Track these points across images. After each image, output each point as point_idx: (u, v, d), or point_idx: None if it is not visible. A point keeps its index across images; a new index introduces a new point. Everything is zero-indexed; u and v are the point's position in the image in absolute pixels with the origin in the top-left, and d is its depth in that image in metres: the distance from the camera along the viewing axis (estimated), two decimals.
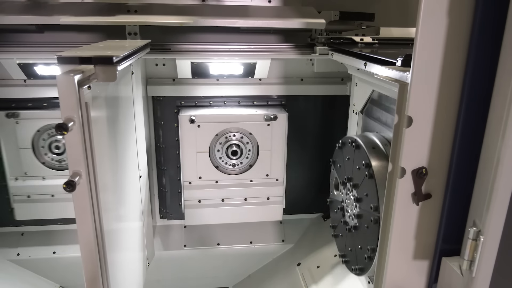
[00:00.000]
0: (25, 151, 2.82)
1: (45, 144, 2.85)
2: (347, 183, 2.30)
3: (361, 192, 2.11)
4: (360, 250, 2.13)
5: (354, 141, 2.18)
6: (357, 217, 2.16)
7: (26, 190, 2.90)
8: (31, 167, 2.87)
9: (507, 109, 1.19)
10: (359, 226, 2.16)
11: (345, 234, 2.37)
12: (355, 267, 2.20)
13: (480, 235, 1.31)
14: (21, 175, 2.88)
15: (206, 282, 3.29)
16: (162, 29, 2.68)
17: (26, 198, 2.91)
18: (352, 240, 2.26)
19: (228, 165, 2.96)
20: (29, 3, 2.53)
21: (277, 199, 3.07)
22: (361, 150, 2.10)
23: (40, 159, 2.87)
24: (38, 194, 2.91)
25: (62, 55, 1.46)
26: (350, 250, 2.29)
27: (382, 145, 2.09)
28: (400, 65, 1.60)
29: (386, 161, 1.97)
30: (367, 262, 2.04)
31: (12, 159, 2.84)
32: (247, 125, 2.88)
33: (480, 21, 1.26)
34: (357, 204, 2.17)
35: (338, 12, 2.84)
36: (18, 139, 2.79)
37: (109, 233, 1.68)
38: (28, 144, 2.82)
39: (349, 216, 2.30)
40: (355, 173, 2.18)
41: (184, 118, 2.78)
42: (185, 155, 2.87)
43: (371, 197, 1.99)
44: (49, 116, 2.77)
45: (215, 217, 3.05)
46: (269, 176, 3.01)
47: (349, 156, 2.26)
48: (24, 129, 2.78)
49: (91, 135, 1.43)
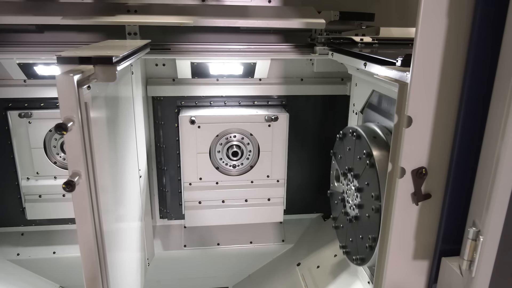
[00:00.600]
0: (37, 150, 2.84)
1: (57, 144, 2.86)
2: (348, 173, 2.29)
3: (362, 182, 2.10)
4: (361, 240, 2.13)
5: (355, 131, 2.17)
6: (358, 207, 2.16)
7: (37, 190, 2.91)
8: (42, 167, 2.88)
9: (506, 109, 1.19)
10: (360, 216, 2.15)
11: (346, 225, 2.37)
12: (356, 257, 2.19)
13: (480, 235, 1.31)
14: (33, 175, 2.90)
15: (206, 282, 3.29)
16: (162, 29, 2.68)
17: (37, 198, 2.93)
18: (353, 230, 2.26)
19: (228, 166, 2.96)
20: (29, 3, 2.53)
21: (277, 200, 3.07)
22: (362, 140, 2.09)
23: (51, 159, 2.89)
24: (49, 194, 2.92)
25: (62, 55, 1.46)
26: (351, 240, 2.28)
27: (383, 135, 2.08)
28: (400, 65, 1.60)
29: (387, 150, 1.96)
30: (368, 252, 2.03)
31: (24, 159, 2.86)
32: (247, 125, 2.87)
33: (480, 21, 1.26)
34: (358, 194, 2.16)
35: (338, 12, 2.84)
36: (30, 139, 2.81)
37: (109, 233, 1.68)
38: (40, 144, 2.83)
39: (350, 206, 2.29)
40: (356, 163, 2.18)
41: (185, 119, 2.78)
42: (186, 156, 2.87)
43: (372, 186, 1.98)
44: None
45: (215, 219, 3.04)
46: (270, 177, 3.01)
47: (350, 146, 2.26)
48: (36, 129, 2.79)
49: (90, 135, 1.43)
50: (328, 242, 2.97)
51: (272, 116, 2.84)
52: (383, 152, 1.98)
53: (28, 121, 2.77)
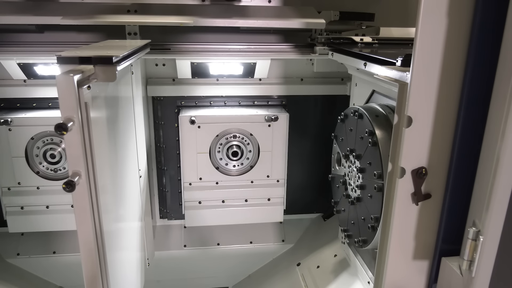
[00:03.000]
0: (18, 160, 2.68)
1: (39, 153, 2.69)
2: (350, 155, 2.26)
3: (364, 162, 2.08)
4: (363, 221, 2.11)
5: (357, 110, 2.14)
6: (360, 188, 2.14)
7: (19, 202, 2.78)
8: (24, 177, 2.73)
9: (506, 109, 1.19)
10: (362, 197, 2.13)
11: (347, 208, 2.34)
12: (358, 239, 2.16)
13: (480, 235, 1.31)
14: (14, 185, 2.74)
15: (206, 282, 3.29)
16: (162, 29, 2.68)
17: (19, 210, 2.79)
18: (354, 212, 2.23)
19: (228, 166, 2.96)
20: (29, 3, 2.53)
21: (277, 200, 3.06)
22: (364, 119, 2.06)
23: (34, 168, 2.75)
24: (32, 206, 2.79)
25: (62, 55, 1.47)
26: (353, 223, 2.26)
27: (386, 113, 2.05)
28: (400, 65, 1.60)
29: (390, 128, 1.91)
30: (370, 233, 2.01)
31: (4, 168, 2.70)
32: (247, 126, 2.86)
33: (480, 21, 1.26)
34: (360, 175, 2.13)
35: (338, 12, 2.84)
36: (10, 147, 2.66)
37: (109, 233, 1.68)
38: (22, 152, 2.68)
39: (352, 188, 2.27)
40: (358, 143, 2.15)
41: (185, 119, 2.77)
42: (186, 156, 2.87)
43: (374, 165, 1.96)
44: (43, 122, 2.65)
45: (215, 219, 3.04)
46: (270, 177, 3.00)
47: (351, 127, 2.23)
48: (17, 136, 2.64)
49: (90, 135, 1.43)
50: (328, 242, 2.97)
51: (272, 116, 2.83)
52: (386, 130, 1.94)
53: (8, 128, 2.61)
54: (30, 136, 2.67)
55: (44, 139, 2.69)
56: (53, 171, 2.76)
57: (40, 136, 2.68)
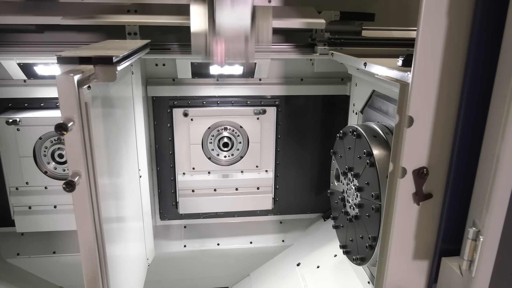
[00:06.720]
0: (26, 159, 2.69)
1: (47, 153, 2.72)
2: (348, 173, 2.29)
3: (362, 181, 2.10)
4: (361, 239, 2.13)
5: (355, 130, 2.17)
6: (358, 207, 2.16)
7: (27, 201, 2.78)
8: (32, 176, 2.74)
9: (506, 109, 1.19)
10: (360, 215, 2.15)
11: (346, 224, 2.37)
12: (356, 257, 2.20)
13: (480, 235, 1.31)
14: (22, 185, 2.75)
15: (206, 282, 3.29)
16: (162, 29, 2.68)
17: (27, 210, 2.81)
18: (353, 230, 2.26)
19: (220, 156, 3.05)
20: (29, 3, 2.53)
21: (266, 189, 3.15)
22: (362, 139, 2.09)
23: (42, 168, 2.76)
24: (40, 205, 2.80)
25: (62, 55, 1.47)
26: (351, 240, 2.28)
27: (383, 134, 2.08)
28: (401, 65, 1.60)
29: (387, 150, 1.97)
30: (368, 251, 2.04)
31: (12, 168, 2.71)
32: (237, 118, 2.97)
33: (480, 21, 1.26)
34: (358, 194, 2.16)
35: (338, 12, 2.84)
36: (19, 147, 2.66)
37: (109, 233, 1.68)
38: (30, 152, 2.69)
39: (350, 206, 2.29)
40: (356, 163, 2.18)
41: (178, 112, 2.89)
42: (179, 146, 2.97)
43: (372, 186, 1.98)
44: (52, 122, 2.63)
45: (208, 206, 3.14)
46: (259, 167, 3.10)
47: (350, 145, 2.26)
48: (25, 136, 2.65)
49: (90, 135, 1.43)
50: (328, 242, 2.97)
51: (260, 109, 2.94)
52: (383, 151, 1.98)
53: (16, 128, 2.62)
54: (38, 136, 2.68)
55: (52, 139, 2.71)
56: (61, 171, 2.78)
57: (48, 136, 2.70)
